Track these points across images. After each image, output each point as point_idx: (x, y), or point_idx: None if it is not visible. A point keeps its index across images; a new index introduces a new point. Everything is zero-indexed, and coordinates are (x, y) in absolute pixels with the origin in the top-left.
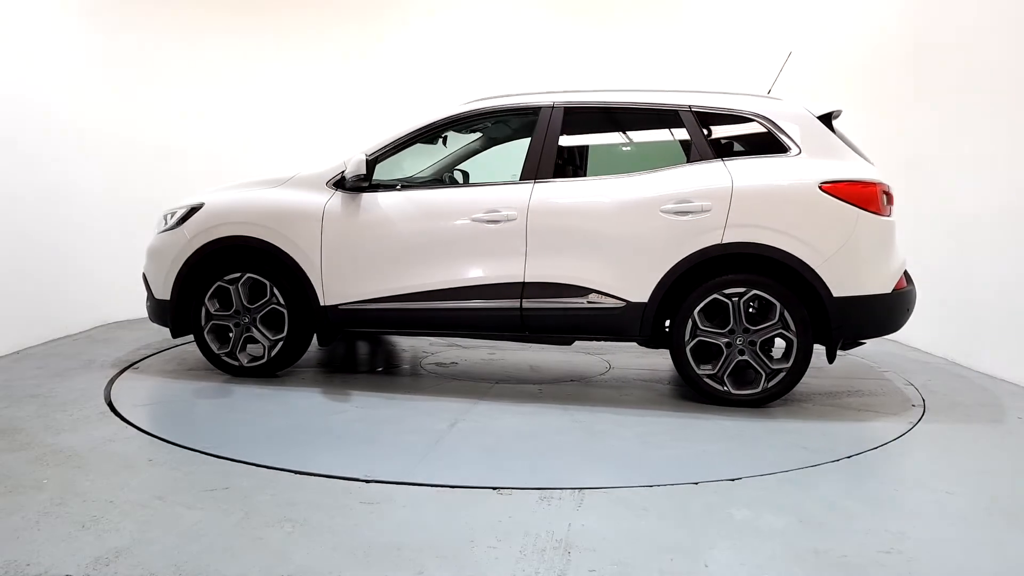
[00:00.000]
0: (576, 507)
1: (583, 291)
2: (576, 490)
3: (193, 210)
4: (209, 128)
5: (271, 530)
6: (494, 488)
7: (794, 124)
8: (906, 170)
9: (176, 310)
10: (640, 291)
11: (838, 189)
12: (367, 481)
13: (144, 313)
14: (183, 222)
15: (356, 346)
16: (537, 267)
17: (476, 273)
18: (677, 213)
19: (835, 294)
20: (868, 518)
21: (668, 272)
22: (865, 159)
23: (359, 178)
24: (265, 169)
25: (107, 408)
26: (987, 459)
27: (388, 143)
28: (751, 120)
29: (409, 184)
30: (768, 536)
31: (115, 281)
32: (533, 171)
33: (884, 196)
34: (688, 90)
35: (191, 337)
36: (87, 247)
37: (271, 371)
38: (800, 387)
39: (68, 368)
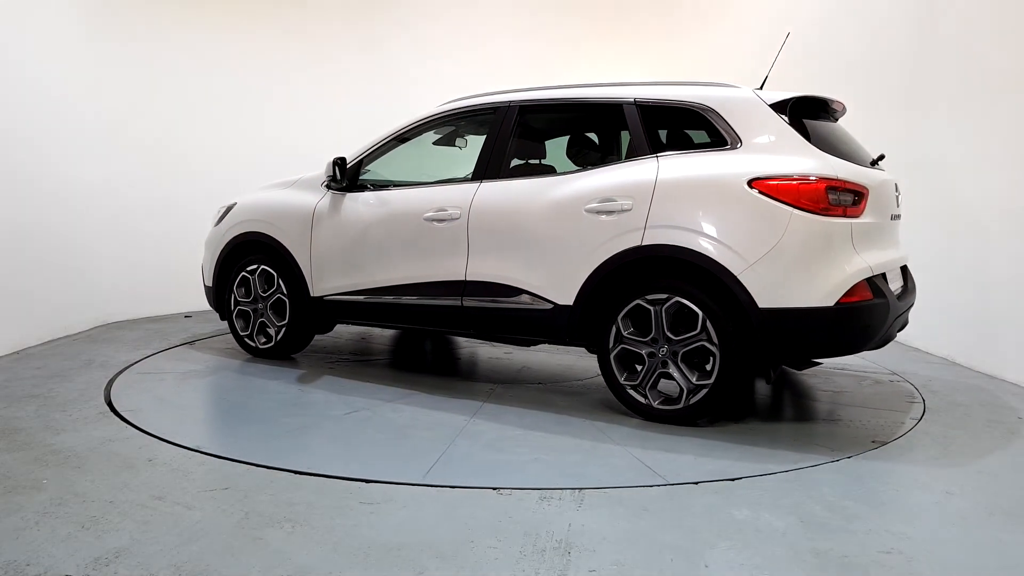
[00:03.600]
0: (576, 507)
1: (516, 291)
2: (576, 490)
3: (229, 209)
4: (213, 128)
5: (271, 530)
6: (494, 488)
7: (739, 114)
8: (907, 169)
9: (216, 295)
10: (566, 294)
11: (769, 186)
12: (367, 481)
13: (143, 313)
14: (222, 219)
15: (422, 341)
16: (477, 266)
17: (426, 270)
18: (599, 212)
19: (760, 305)
20: (868, 518)
21: (591, 275)
22: (841, 153)
23: (331, 179)
24: (267, 169)
25: (107, 408)
26: (987, 459)
27: (367, 147)
28: (694, 111)
29: (395, 185)
30: (768, 536)
31: (115, 281)
32: (483, 170)
33: (836, 194)
34: (635, 83)
35: (190, 336)
36: (87, 247)
37: (283, 354)
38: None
39: (68, 368)
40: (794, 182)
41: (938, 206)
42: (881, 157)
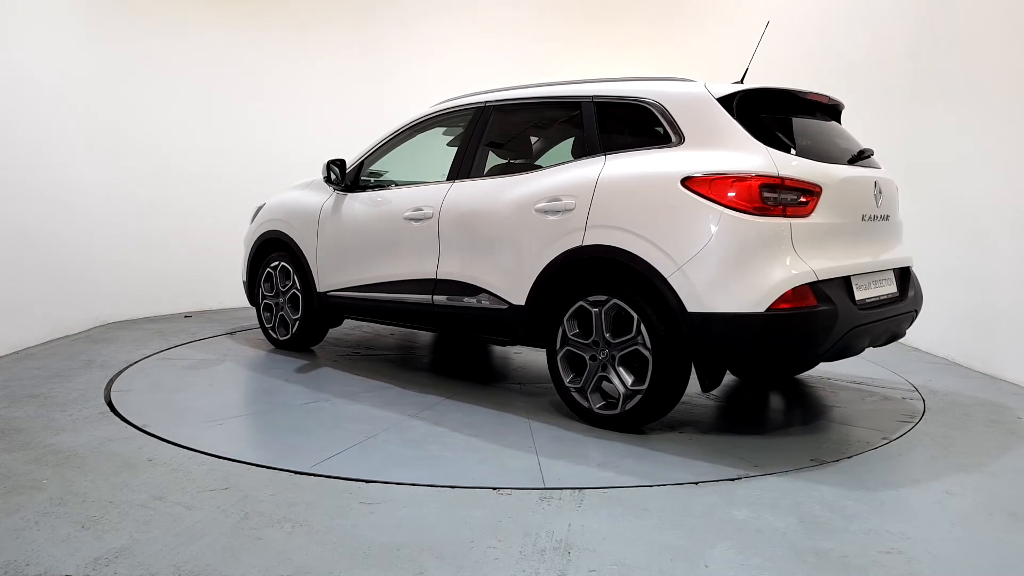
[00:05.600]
0: (576, 507)
1: (477, 291)
2: (576, 490)
3: (259, 209)
4: (212, 128)
5: (271, 530)
6: (494, 488)
7: (684, 109)
8: (908, 169)
9: (249, 289)
10: (519, 294)
11: (702, 185)
12: (367, 481)
13: (143, 313)
14: (254, 218)
15: (460, 341)
16: (446, 265)
17: (404, 268)
18: (546, 212)
19: (689, 309)
20: (868, 518)
21: (539, 275)
22: (804, 148)
23: (326, 180)
24: (266, 169)
25: (107, 408)
26: (987, 459)
27: (368, 148)
28: (644, 107)
29: (393, 185)
30: (768, 536)
31: (115, 281)
32: (456, 170)
33: (775, 193)
34: (597, 79)
35: (190, 336)
36: (87, 247)
37: (301, 346)
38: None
39: (68, 368)
40: (727, 180)
41: (938, 206)
42: (862, 154)
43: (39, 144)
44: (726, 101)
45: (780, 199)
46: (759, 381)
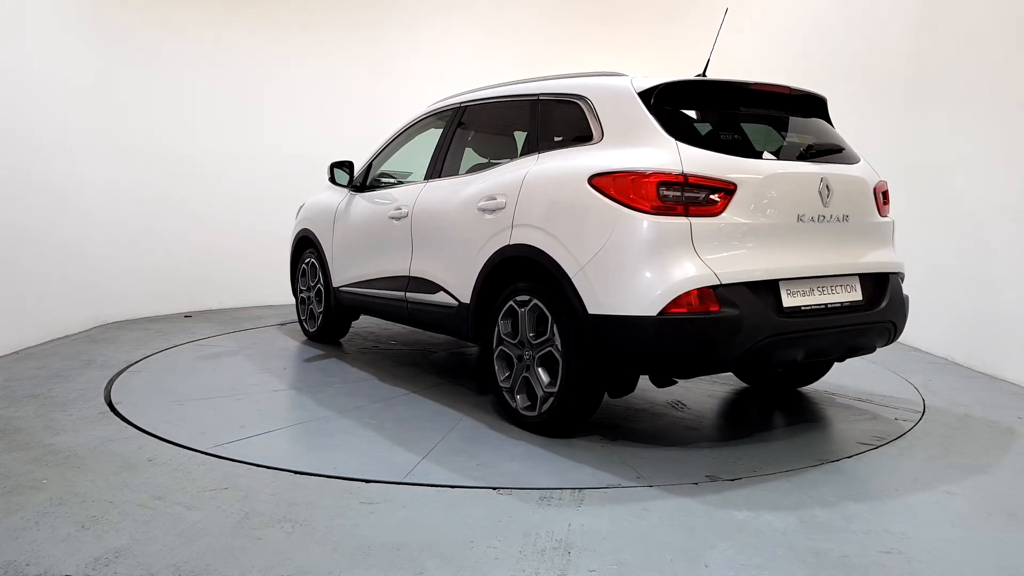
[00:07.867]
0: (576, 507)
1: (436, 288)
2: (576, 490)
3: (300, 208)
4: (213, 127)
5: (271, 530)
6: (494, 488)
7: (606, 105)
8: (907, 169)
9: (292, 285)
10: (466, 291)
11: (604, 183)
12: (367, 481)
13: (143, 313)
14: (296, 216)
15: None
16: (416, 262)
17: (388, 265)
18: (485, 211)
19: (590, 310)
20: (868, 518)
21: (479, 273)
22: (739, 144)
23: (330, 180)
24: (268, 167)
25: (107, 408)
26: (987, 459)
27: (377, 148)
28: (574, 104)
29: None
30: (768, 536)
31: (115, 281)
32: (431, 170)
33: (677, 190)
34: (546, 77)
35: (189, 337)
36: (87, 247)
37: (328, 338)
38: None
39: (68, 368)
40: (628, 178)
41: (938, 206)
42: (810, 148)
43: (40, 144)
44: (646, 95)
45: (683, 197)
46: (757, 391)
